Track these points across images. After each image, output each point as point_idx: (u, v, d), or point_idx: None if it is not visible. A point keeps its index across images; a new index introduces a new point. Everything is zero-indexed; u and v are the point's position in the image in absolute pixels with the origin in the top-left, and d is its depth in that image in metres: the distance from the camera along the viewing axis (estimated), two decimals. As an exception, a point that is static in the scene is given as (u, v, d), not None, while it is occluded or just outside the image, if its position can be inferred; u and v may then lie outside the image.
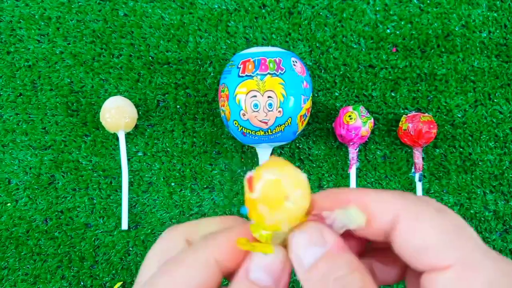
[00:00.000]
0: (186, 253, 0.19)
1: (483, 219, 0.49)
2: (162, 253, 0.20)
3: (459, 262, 0.16)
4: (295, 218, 0.18)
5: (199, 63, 0.52)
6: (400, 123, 0.49)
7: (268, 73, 0.43)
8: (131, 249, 0.51)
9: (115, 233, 0.51)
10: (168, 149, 0.51)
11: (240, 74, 0.43)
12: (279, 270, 0.19)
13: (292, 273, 0.19)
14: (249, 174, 0.18)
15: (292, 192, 0.18)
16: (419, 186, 0.49)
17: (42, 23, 0.53)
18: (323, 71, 0.52)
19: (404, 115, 0.49)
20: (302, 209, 0.18)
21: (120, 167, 0.51)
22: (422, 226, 0.17)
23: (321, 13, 0.52)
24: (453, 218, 0.18)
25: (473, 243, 0.17)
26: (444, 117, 0.51)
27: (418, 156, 0.49)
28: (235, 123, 0.44)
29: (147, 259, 0.20)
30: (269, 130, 0.44)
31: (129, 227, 0.50)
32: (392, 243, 0.18)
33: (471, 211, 0.49)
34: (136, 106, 0.51)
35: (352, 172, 0.49)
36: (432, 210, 0.18)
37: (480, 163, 0.50)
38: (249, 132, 0.44)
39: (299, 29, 0.52)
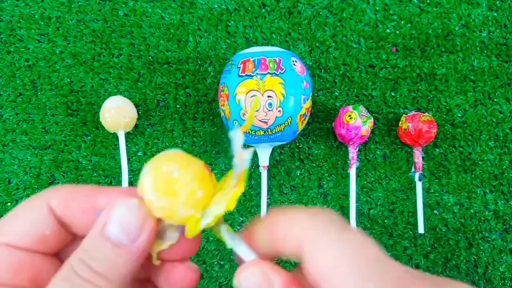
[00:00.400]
0: (21, 203, 0.20)
1: (483, 218, 0.49)
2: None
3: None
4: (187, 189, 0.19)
5: (199, 62, 0.52)
6: (400, 122, 0.49)
7: (268, 73, 0.43)
8: (131, 248, 0.50)
9: (115, 232, 0.51)
10: (168, 149, 0.51)
11: (240, 74, 0.43)
12: (137, 228, 0.18)
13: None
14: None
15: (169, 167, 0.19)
16: (419, 185, 0.49)
17: (42, 23, 0.53)
18: (323, 70, 0.52)
19: (404, 115, 0.49)
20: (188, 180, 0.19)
21: (120, 167, 0.51)
22: (323, 253, 0.16)
23: (321, 13, 0.52)
24: (355, 239, 0.17)
25: (371, 267, 0.16)
26: (444, 116, 0.51)
27: (418, 156, 0.49)
28: (235, 123, 0.44)
29: None
30: (269, 130, 0.44)
31: (129, 226, 0.50)
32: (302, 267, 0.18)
33: (471, 211, 0.49)
34: (136, 105, 0.51)
35: (352, 172, 0.49)
36: (334, 232, 0.17)
37: (480, 163, 0.50)
38: (249, 131, 0.44)
39: (299, 28, 0.52)
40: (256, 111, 0.43)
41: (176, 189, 0.18)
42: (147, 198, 0.19)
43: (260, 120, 0.43)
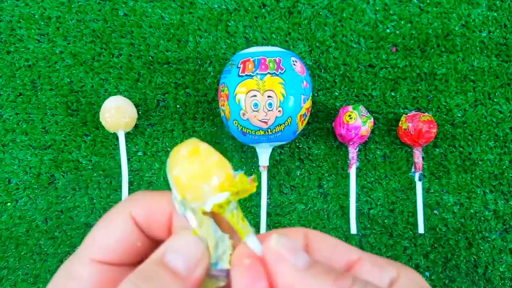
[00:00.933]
0: (108, 213, 0.20)
1: (483, 218, 0.49)
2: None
3: None
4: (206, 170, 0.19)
5: (199, 62, 0.52)
6: (400, 122, 0.49)
7: (268, 73, 0.43)
8: (131, 248, 0.50)
9: (115, 232, 0.51)
10: (168, 148, 0.51)
11: (240, 74, 0.43)
12: (197, 260, 0.18)
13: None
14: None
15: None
16: (419, 185, 0.49)
17: (42, 23, 0.53)
18: (323, 70, 0.52)
19: (404, 115, 0.49)
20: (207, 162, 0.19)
21: (120, 167, 0.51)
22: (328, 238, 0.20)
23: (321, 13, 0.52)
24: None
25: None
26: (444, 116, 0.51)
27: (418, 156, 0.49)
28: (235, 123, 0.44)
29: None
30: (269, 130, 0.44)
31: (129, 226, 0.50)
32: None
33: (471, 211, 0.49)
34: (136, 105, 0.51)
35: (352, 172, 0.49)
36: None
37: (480, 163, 0.50)
38: (249, 131, 0.44)
39: (299, 28, 0.52)
40: (256, 111, 0.43)
41: (202, 157, 0.19)
42: (173, 174, 0.19)
43: (260, 120, 0.43)
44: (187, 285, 0.18)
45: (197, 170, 0.19)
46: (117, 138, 0.52)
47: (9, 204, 0.51)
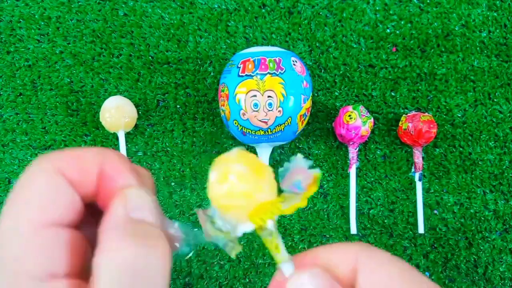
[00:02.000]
0: (24, 175, 0.17)
1: (483, 218, 0.49)
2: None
3: None
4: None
5: (199, 62, 0.52)
6: (400, 122, 0.49)
7: (268, 73, 0.43)
8: (131, 248, 0.50)
9: (115, 232, 0.51)
10: (168, 148, 0.51)
11: (240, 74, 0.43)
12: (156, 208, 0.18)
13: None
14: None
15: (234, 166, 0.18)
16: (419, 185, 0.49)
17: (42, 23, 0.53)
18: (323, 70, 0.52)
19: (404, 115, 0.49)
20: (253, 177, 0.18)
21: (120, 167, 0.51)
22: (381, 270, 0.18)
23: (321, 13, 0.52)
24: (404, 265, 0.18)
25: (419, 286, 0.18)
26: (444, 116, 0.51)
27: (418, 156, 0.49)
28: (235, 123, 0.44)
29: None
30: (269, 130, 0.44)
31: (129, 226, 0.50)
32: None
33: (471, 211, 0.49)
34: (136, 105, 0.51)
35: (352, 172, 0.49)
36: (387, 255, 0.18)
37: (480, 163, 0.50)
38: (249, 131, 0.44)
39: (299, 28, 0.52)
40: (256, 111, 0.43)
41: (263, 171, 0.18)
42: (232, 168, 0.18)
43: (260, 120, 0.43)
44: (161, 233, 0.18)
45: (223, 200, 0.18)
46: (117, 138, 0.52)
47: (9, 204, 0.51)
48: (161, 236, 0.17)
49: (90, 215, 0.19)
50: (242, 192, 0.18)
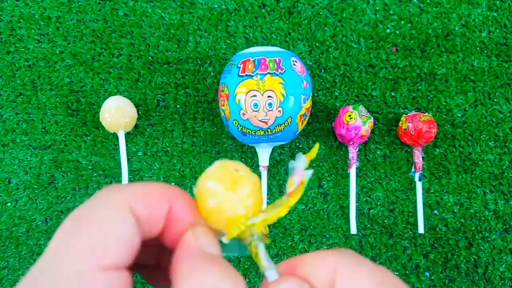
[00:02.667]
0: (92, 203, 0.17)
1: (483, 218, 0.49)
2: None
3: None
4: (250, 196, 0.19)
5: (199, 62, 0.52)
6: (400, 122, 0.49)
7: (268, 73, 0.43)
8: (131, 248, 0.50)
9: (115, 232, 0.51)
10: (168, 148, 0.51)
11: (240, 74, 0.43)
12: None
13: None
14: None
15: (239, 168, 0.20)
16: (419, 185, 0.49)
17: (42, 23, 0.53)
18: (323, 70, 0.52)
19: (404, 115, 0.49)
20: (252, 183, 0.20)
21: (120, 167, 0.51)
22: (359, 278, 0.17)
23: (321, 13, 0.52)
24: (385, 277, 0.18)
25: None
26: (444, 116, 0.51)
27: (418, 156, 0.49)
28: (235, 123, 0.44)
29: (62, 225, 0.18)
30: (269, 130, 0.44)
31: (129, 226, 0.50)
32: None
33: (471, 211, 0.49)
34: (136, 106, 0.51)
35: (352, 172, 0.49)
36: (368, 263, 0.18)
37: (480, 163, 0.50)
38: (249, 131, 0.44)
39: (299, 28, 0.52)
40: (256, 111, 0.43)
41: (236, 186, 0.19)
42: (206, 185, 0.19)
43: (260, 120, 0.43)
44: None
45: (232, 195, 0.19)
46: (117, 138, 0.52)
47: (9, 204, 0.51)
48: (234, 269, 0.17)
49: None
50: (212, 208, 0.19)
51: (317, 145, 0.21)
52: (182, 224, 0.19)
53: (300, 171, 0.20)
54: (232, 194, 0.19)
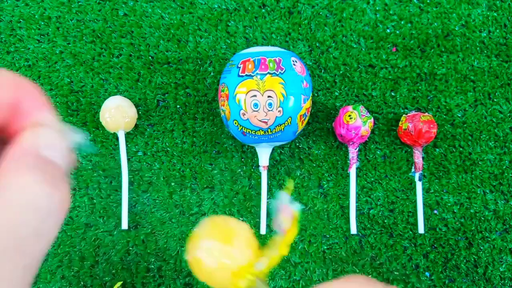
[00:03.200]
0: None
1: (483, 218, 0.49)
2: None
3: None
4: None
5: (199, 62, 0.52)
6: (400, 122, 0.49)
7: (268, 73, 0.43)
8: (131, 248, 0.51)
9: (115, 233, 0.51)
10: (168, 148, 0.51)
11: (240, 74, 0.43)
12: (68, 151, 0.18)
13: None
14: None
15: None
16: (419, 185, 0.49)
17: (42, 23, 0.53)
18: (323, 70, 0.52)
19: (404, 115, 0.49)
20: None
21: (120, 167, 0.51)
22: None
23: (321, 13, 0.52)
24: None
25: None
26: (444, 116, 0.51)
27: (418, 156, 0.49)
28: (235, 123, 0.44)
29: None
30: (269, 130, 0.44)
31: (129, 227, 0.50)
32: None
33: (471, 211, 0.49)
34: (136, 106, 0.51)
35: (352, 172, 0.49)
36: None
37: (480, 163, 0.50)
38: (249, 131, 0.44)
39: (299, 28, 0.52)
40: (256, 111, 0.43)
41: (232, 238, 0.19)
42: (201, 245, 0.18)
43: (260, 120, 0.43)
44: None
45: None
46: (117, 138, 0.52)
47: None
48: (65, 180, 0.17)
49: None
50: (214, 268, 0.18)
51: (291, 181, 0.21)
52: (26, 121, 0.17)
53: (287, 208, 0.19)
54: (230, 248, 0.18)
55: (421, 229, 0.49)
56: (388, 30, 0.51)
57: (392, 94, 0.51)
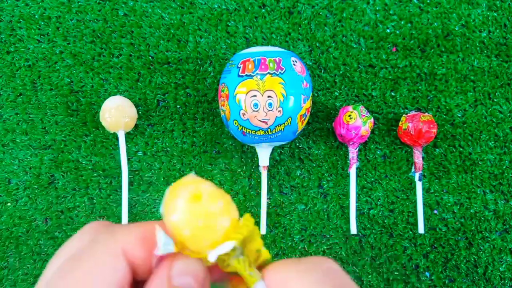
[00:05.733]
0: (90, 244, 0.17)
1: (483, 218, 0.49)
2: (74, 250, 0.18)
3: None
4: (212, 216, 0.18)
5: (199, 62, 0.52)
6: (400, 122, 0.49)
7: (268, 73, 0.43)
8: (131, 248, 0.50)
9: (115, 232, 0.51)
10: (168, 148, 0.51)
11: (240, 74, 0.43)
12: (203, 277, 0.18)
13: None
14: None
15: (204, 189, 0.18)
16: (419, 185, 0.49)
17: (42, 23, 0.53)
18: (323, 70, 0.52)
19: (404, 115, 0.49)
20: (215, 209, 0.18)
21: (120, 167, 0.51)
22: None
23: (321, 13, 0.52)
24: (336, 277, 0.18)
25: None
26: (444, 116, 0.51)
27: (418, 156, 0.49)
28: (235, 123, 0.44)
29: (56, 256, 0.18)
30: (269, 130, 0.44)
31: (129, 226, 0.50)
32: None
33: (471, 211, 0.49)
34: (136, 106, 0.51)
35: (352, 172, 0.49)
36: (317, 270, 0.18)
37: (480, 163, 0.50)
38: (249, 131, 0.44)
39: (299, 28, 0.52)
40: (256, 111, 0.43)
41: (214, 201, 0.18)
42: (177, 216, 0.17)
43: (260, 120, 0.43)
44: None
45: (200, 221, 0.17)
46: (117, 138, 0.52)
47: (9, 204, 0.51)
48: None
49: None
50: (216, 212, 0.18)
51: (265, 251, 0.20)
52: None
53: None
54: (228, 198, 0.18)
55: (421, 229, 0.49)
56: (388, 30, 0.51)
57: (392, 94, 0.51)
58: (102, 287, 0.16)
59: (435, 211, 0.50)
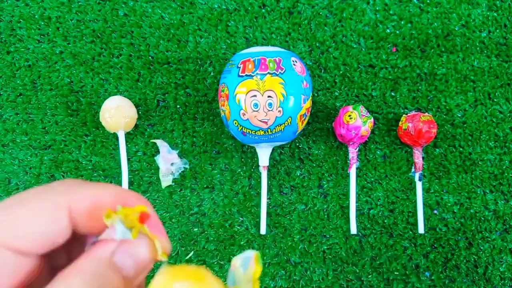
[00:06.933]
0: (42, 191, 0.17)
1: (483, 218, 0.49)
2: None
3: None
4: None
5: (199, 63, 0.52)
6: (400, 122, 0.49)
7: (268, 73, 0.43)
8: (131, 248, 0.50)
9: (115, 232, 0.51)
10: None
11: (240, 74, 0.43)
12: (146, 263, 0.18)
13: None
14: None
15: None
16: (419, 185, 0.49)
17: (42, 23, 0.53)
18: (323, 70, 0.52)
19: (404, 115, 0.49)
20: None
21: (120, 167, 0.51)
22: None
23: (321, 13, 0.52)
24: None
25: None
26: (444, 116, 0.51)
27: (418, 156, 0.49)
28: (235, 123, 0.44)
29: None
30: (269, 130, 0.44)
31: (129, 226, 0.50)
32: None
33: (471, 211, 0.49)
34: (136, 106, 0.51)
35: (352, 172, 0.49)
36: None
37: (480, 163, 0.50)
38: (249, 131, 0.44)
39: (299, 28, 0.52)
40: (256, 111, 0.43)
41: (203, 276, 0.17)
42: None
43: (260, 120, 0.43)
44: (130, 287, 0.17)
45: None
46: (117, 138, 0.52)
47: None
48: None
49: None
50: None
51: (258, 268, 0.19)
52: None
53: (244, 257, 0.18)
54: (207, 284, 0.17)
55: (421, 229, 0.49)
56: (388, 30, 0.51)
57: (392, 94, 0.51)
58: (32, 233, 0.16)
59: (435, 211, 0.50)
